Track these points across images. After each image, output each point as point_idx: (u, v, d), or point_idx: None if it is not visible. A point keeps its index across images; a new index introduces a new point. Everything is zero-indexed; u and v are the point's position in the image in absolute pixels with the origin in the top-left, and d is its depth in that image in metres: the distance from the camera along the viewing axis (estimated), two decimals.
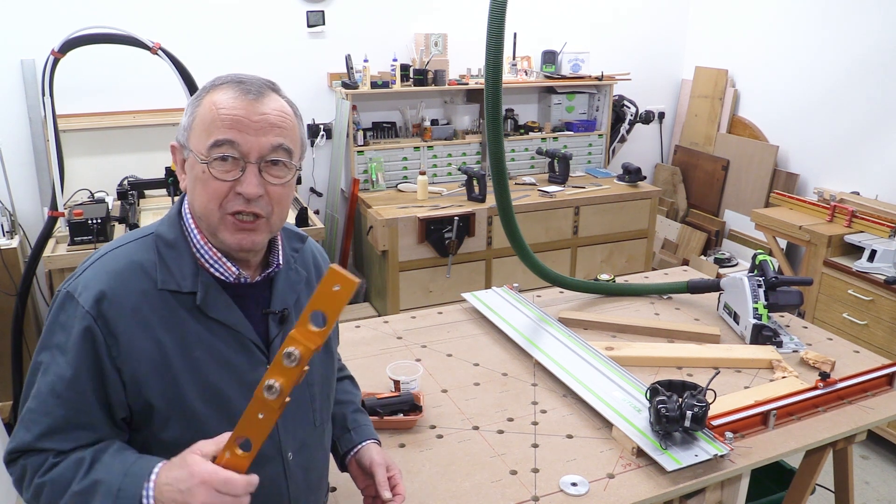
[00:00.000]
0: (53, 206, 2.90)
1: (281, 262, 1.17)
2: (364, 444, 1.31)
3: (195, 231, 1.09)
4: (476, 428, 1.66)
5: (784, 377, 1.87)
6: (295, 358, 0.89)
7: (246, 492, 0.93)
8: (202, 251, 1.08)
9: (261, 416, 0.92)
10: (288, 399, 0.92)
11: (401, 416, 1.64)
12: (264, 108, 1.05)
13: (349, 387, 1.46)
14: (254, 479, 0.94)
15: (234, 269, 1.10)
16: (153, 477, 0.96)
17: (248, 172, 1.04)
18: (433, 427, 1.66)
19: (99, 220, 2.91)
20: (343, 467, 1.34)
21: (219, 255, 1.09)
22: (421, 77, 3.86)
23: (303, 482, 1.19)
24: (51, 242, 2.95)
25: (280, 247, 1.17)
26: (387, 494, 1.22)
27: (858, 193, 3.63)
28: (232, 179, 1.03)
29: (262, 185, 1.05)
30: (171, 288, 1.05)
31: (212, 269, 1.09)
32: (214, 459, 0.94)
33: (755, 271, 2.23)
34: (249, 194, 1.03)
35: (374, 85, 3.76)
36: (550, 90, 4.39)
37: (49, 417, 1.02)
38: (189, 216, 1.10)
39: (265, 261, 1.16)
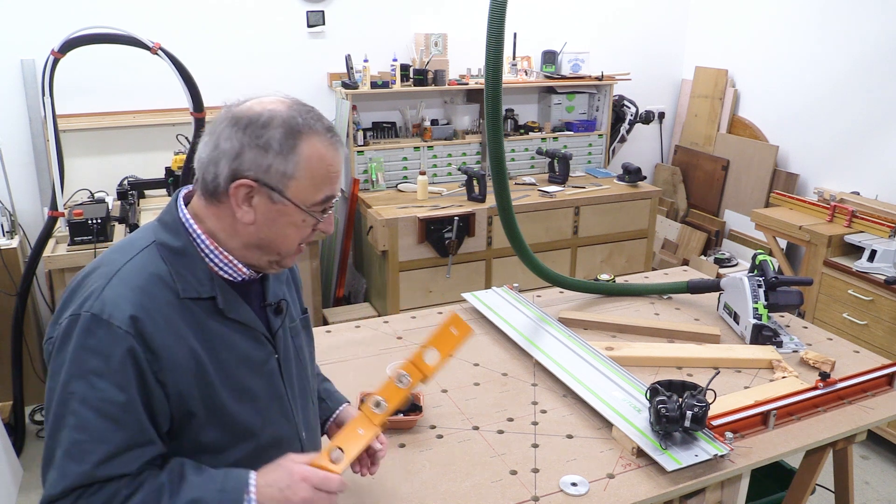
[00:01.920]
0: (53, 206, 2.90)
1: None
2: (341, 408, 1.42)
3: (203, 236, 1.10)
4: (476, 428, 1.66)
5: (784, 377, 1.87)
6: (407, 381, 1.04)
7: (339, 490, 1.04)
8: (212, 256, 1.10)
9: (361, 432, 1.03)
10: (387, 418, 1.06)
11: (400, 416, 1.64)
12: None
13: None
14: (345, 482, 1.04)
15: (245, 270, 1.13)
16: (251, 488, 1.02)
17: (330, 214, 1.15)
18: (433, 427, 1.66)
19: (99, 220, 2.91)
20: (322, 433, 1.41)
21: (230, 258, 1.11)
22: (421, 77, 3.86)
23: None
24: (51, 242, 2.95)
25: None
26: (377, 445, 1.30)
27: (858, 193, 3.63)
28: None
29: None
30: (193, 295, 1.07)
31: (221, 272, 1.11)
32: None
33: (755, 271, 2.23)
34: (329, 233, 1.16)
35: (374, 85, 3.76)
36: (550, 90, 4.39)
37: (106, 444, 0.98)
38: (192, 222, 1.10)
39: None
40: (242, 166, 1.04)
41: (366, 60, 3.78)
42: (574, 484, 1.46)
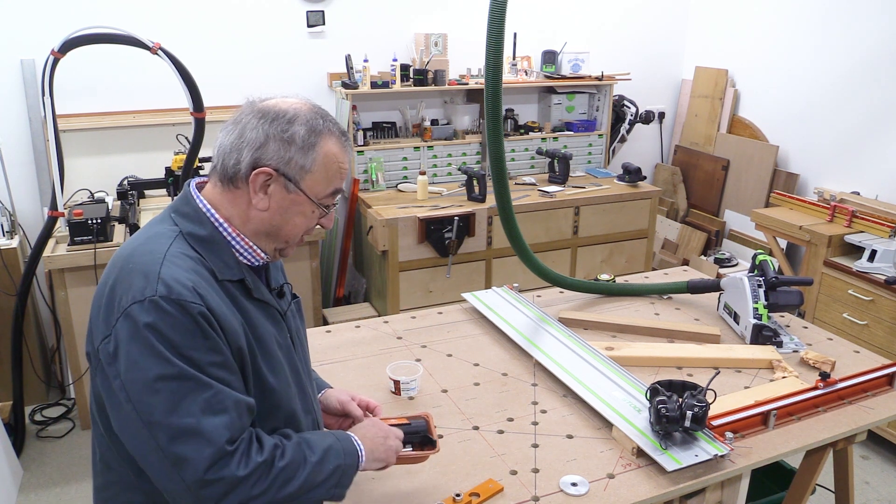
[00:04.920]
0: (53, 206, 2.90)
1: None
2: (323, 393, 1.48)
3: (226, 225, 1.19)
4: (476, 428, 1.66)
5: (784, 377, 1.87)
6: None
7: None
8: (235, 242, 1.20)
9: None
10: None
11: (409, 450, 1.41)
12: None
13: None
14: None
15: (263, 255, 1.23)
16: (353, 436, 1.26)
17: (332, 211, 1.26)
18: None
19: (99, 220, 2.91)
20: None
21: (250, 244, 1.21)
22: (421, 77, 3.86)
23: None
24: (51, 242, 2.95)
25: None
26: (368, 415, 1.45)
27: (858, 193, 3.63)
28: None
29: None
30: (228, 277, 1.17)
31: (241, 258, 1.21)
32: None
33: (755, 271, 2.23)
34: (329, 227, 1.27)
35: (374, 85, 3.76)
36: (550, 90, 4.39)
37: (232, 394, 1.08)
38: (213, 211, 1.19)
39: None
40: (265, 156, 1.15)
41: (366, 60, 3.78)
42: (574, 484, 1.46)
